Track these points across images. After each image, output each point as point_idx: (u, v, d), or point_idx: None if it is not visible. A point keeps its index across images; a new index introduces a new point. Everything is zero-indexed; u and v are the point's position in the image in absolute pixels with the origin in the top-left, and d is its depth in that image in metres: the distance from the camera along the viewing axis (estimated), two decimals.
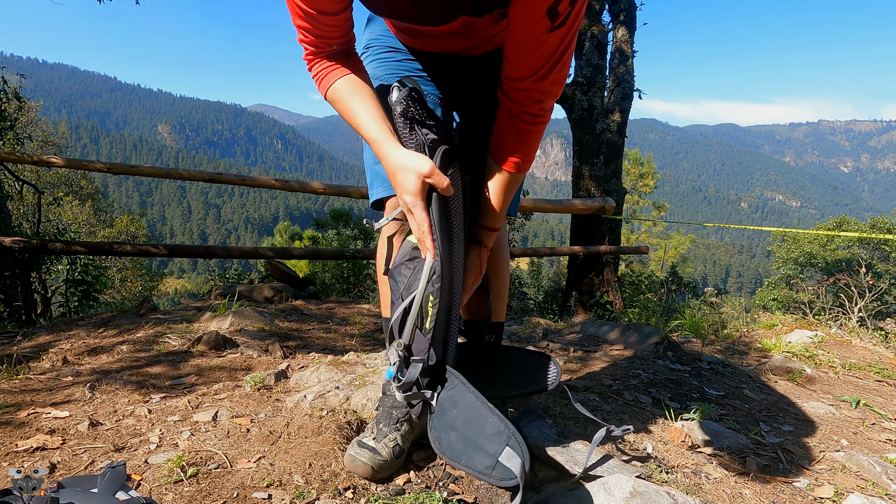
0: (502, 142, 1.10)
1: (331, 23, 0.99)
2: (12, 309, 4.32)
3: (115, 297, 11.67)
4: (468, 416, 0.98)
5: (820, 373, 2.31)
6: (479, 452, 0.94)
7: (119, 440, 1.29)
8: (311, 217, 13.40)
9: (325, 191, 4.59)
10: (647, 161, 20.39)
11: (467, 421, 0.98)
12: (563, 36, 0.91)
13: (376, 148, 1.04)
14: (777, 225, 67.41)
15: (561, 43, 0.92)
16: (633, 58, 6.59)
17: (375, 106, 1.06)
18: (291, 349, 2.22)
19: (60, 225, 10.33)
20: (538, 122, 1.05)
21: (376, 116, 1.05)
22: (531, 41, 0.91)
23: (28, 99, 9.52)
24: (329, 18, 0.98)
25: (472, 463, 0.95)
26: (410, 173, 0.99)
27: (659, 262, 18.96)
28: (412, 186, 1.00)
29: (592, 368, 2.13)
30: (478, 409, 0.98)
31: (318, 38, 1.03)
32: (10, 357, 1.98)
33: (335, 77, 1.07)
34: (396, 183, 1.03)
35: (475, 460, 0.95)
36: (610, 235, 5.96)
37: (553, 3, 0.85)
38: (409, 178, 1.00)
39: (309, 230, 12.45)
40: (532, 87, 0.99)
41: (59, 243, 3.89)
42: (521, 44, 0.93)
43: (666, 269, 14.98)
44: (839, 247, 19.57)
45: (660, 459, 1.35)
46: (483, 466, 0.94)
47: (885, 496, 1.28)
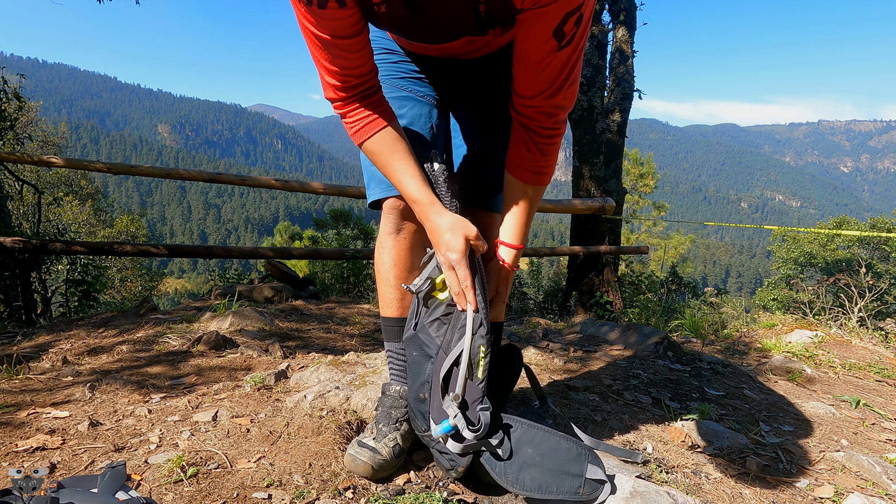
0: (520, 158, 1.11)
1: (350, 48, 0.97)
2: (12, 309, 4.32)
3: (115, 297, 11.67)
4: (544, 450, 1.05)
5: (820, 373, 2.31)
6: (567, 477, 1.03)
7: (119, 440, 1.29)
8: (311, 217, 13.41)
9: (325, 191, 4.59)
10: (647, 161, 20.38)
11: (545, 455, 1.05)
12: (571, 54, 0.93)
13: (421, 209, 1.09)
14: (777, 225, 67.34)
15: (569, 61, 0.94)
16: (633, 58, 6.59)
17: (415, 165, 1.09)
18: (291, 349, 2.22)
19: (60, 225, 10.33)
20: (554, 134, 1.07)
21: (419, 178, 1.08)
22: (539, 61, 0.94)
23: (28, 99, 9.53)
24: (346, 43, 0.96)
25: (563, 488, 1.03)
26: (459, 235, 1.05)
27: (659, 262, 18.95)
28: (460, 246, 1.05)
29: (592, 368, 2.13)
30: (550, 440, 1.06)
31: (344, 76, 1.01)
32: (10, 357, 1.98)
33: (372, 129, 1.07)
34: (442, 242, 1.07)
35: (565, 485, 1.03)
36: (610, 235, 5.96)
37: (559, 24, 0.87)
38: (458, 239, 1.05)
39: (309, 230, 12.45)
40: (544, 103, 1.02)
41: (59, 243, 3.89)
42: (530, 63, 0.96)
43: (666, 269, 14.98)
44: (839, 247, 19.57)
45: (660, 459, 1.36)
46: (574, 488, 1.02)
47: (885, 496, 1.28)
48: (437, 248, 1.10)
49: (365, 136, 1.08)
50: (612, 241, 6.01)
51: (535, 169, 1.11)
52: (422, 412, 1.17)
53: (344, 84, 1.02)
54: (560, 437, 1.06)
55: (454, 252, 1.06)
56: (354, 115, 1.07)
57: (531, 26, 0.90)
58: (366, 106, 1.06)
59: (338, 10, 0.91)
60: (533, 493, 1.03)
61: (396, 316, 1.32)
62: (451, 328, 1.13)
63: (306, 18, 0.93)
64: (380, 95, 1.09)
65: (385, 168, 1.10)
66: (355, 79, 1.02)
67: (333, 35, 0.95)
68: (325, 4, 0.90)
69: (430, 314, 1.16)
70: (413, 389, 1.19)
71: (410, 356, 1.20)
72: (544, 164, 1.11)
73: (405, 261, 1.28)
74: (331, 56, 0.98)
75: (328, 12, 0.91)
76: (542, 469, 1.04)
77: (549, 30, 0.89)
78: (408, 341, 1.21)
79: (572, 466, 1.03)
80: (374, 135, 1.08)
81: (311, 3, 0.90)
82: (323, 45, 0.96)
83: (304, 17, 0.94)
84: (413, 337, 1.19)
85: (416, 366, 1.18)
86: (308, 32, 0.96)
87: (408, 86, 1.24)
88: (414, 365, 1.19)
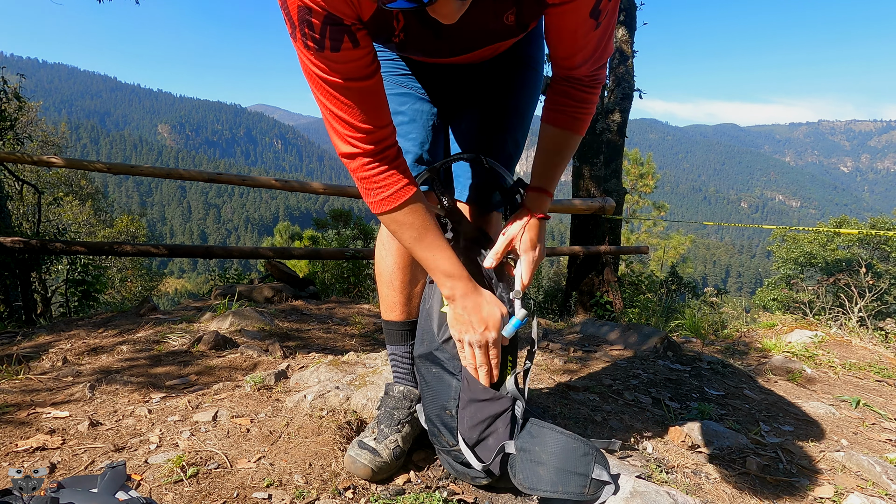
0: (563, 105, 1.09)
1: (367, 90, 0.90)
2: (12, 309, 4.32)
3: (115, 297, 11.67)
4: (553, 449, 1.06)
5: (820, 373, 2.31)
6: (574, 476, 1.03)
7: (119, 440, 1.29)
8: (311, 217, 13.41)
9: (325, 191, 4.59)
10: (647, 161, 20.37)
11: (553, 453, 1.05)
12: (608, 23, 0.94)
13: (460, 284, 1.04)
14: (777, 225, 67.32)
15: (606, 29, 0.95)
16: (633, 58, 6.59)
17: (446, 243, 1.04)
18: (291, 349, 2.22)
19: (60, 225, 10.34)
20: (596, 83, 1.07)
21: (452, 255, 1.04)
22: (581, 38, 0.94)
23: (28, 99, 9.53)
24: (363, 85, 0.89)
25: (569, 487, 1.02)
26: (496, 310, 1.05)
27: (659, 262, 18.94)
28: (497, 322, 1.05)
29: (592, 368, 2.13)
30: (558, 439, 1.07)
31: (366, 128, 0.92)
32: (10, 357, 1.98)
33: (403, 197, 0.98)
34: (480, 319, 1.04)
35: (571, 484, 1.03)
36: (610, 235, 5.96)
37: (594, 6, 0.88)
38: (496, 313, 1.05)
39: (309, 230, 12.44)
40: (589, 66, 1.02)
41: (59, 243, 3.89)
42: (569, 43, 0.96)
43: (666, 269, 14.97)
44: (839, 247, 19.56)
45: (660, 459, 1.35)
46: (579, 487, 1.02)
47: (885, 496, 1.28)
48: (469, 326, 1.05)
49: (393, 205, 0.97)
50: (612, 241, 6.01)
51: (575, 114, 1.09)
52: (449, 428, 1.16)
53: (368, 137, 0.93)
54: (568, 436, 1.07)
55: (492, 330, 1.04)
56: (381, 179, 0.96)
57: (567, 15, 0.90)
58: (395, 167, 0.97)
59: (352, 51, 0.85)
60: (541, 491, 1.04)
61: (401, 320, 1.30)
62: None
63: (317, 66, 0.86)
64: (399, 154, 1.00)
65: (411, 243, 1.01)
66: (379, 130, 0.93)
67: (347, 78, 0.88)
68: (339, 47, 0.84)
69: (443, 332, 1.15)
70: (436, 405, 1.18)
71: (429, 372, 1.19)
72: (585, 110, 1.09)
73: (410, 264, 1.25)
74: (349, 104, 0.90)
75: (342, 54, 0.85)
76: (549, 467, 1.04)
77: (585, 13, 0.89)
78: (422, 358, 1.20)
79: (579, 466, 1.03)
80: (406, 204, 0.97)
81: (324, 48, 0.84)
82: (338, 92, 0.89)
83: (313, 65, 0.87)
84: (428, 354, 1.18)
85: (438, 382, 1.17)
86: (319, 82, 0.88)
87: (407, 82, 1.20)
88: (436, 381, 1.17)
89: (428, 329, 1.19)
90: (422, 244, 1.01)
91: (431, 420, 1.20)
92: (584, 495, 1.02)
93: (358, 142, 0.93)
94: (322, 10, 0.81)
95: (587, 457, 1.04)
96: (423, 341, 1.21)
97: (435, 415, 1.19)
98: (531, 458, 1.06)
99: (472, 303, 1.05)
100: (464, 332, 1.06)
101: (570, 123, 1.10)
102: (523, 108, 1.23)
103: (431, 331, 1.18)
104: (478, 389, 1.10)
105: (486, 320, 1.04)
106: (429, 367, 1.19)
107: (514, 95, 1.23)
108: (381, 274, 1.29)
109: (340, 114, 0.91)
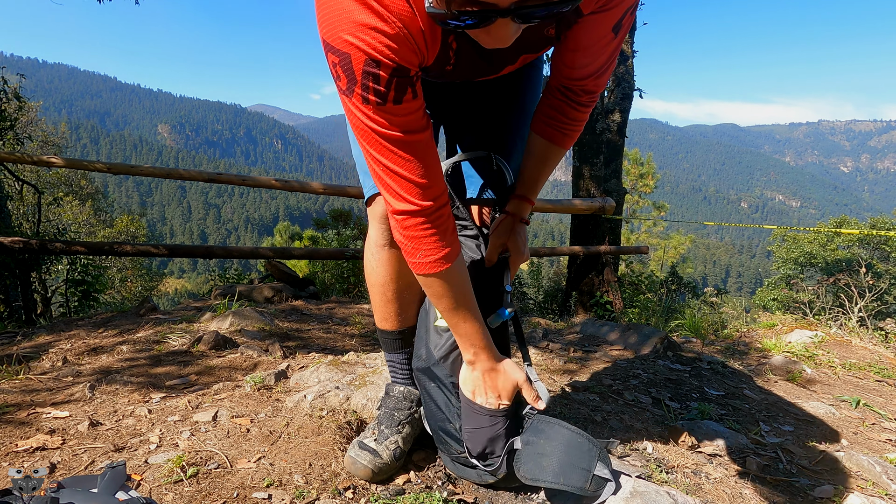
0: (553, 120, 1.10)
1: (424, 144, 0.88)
2: (12, 309, 4.32)
3: (115, 297, 11.67)
4: (557, 443, 1.07)
5: (820, 373, 2.31)
6: (577, 470, 1.04)
7: (119, 440, 1.29)
8: (311, 217, 13.41)
9: (324, 191, 4.59)
10: (647, 161, 20.36)
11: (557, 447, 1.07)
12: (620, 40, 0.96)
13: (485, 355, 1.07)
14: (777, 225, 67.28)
15: (618, 46, 0.97)
16: (633, 58, 6.58)
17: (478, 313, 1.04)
18: (291, 349, 2.22)
19: (60, 225, 10.34)
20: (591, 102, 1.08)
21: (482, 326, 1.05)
22: (598, 52, 0.96)
23: (28, 99, 9.53)
24: (419, 138, 0.86)
25: (571, 480, 1.03)
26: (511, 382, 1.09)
27: (659, 262, 18.94)
28: (510, 393, 1.09)
29: (592, 368, 2.13)
30: (563, 434, 1.08)
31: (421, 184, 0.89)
32: (10, 357, 1.98)
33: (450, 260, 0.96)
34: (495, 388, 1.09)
35: (573, 478, 1.03)
36: (610, 235, 5.95)
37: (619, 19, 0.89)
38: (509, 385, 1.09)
39: (309, 230, 12.44)
40: (590, 82, 1.03)
41: (60, 243, 3.89)
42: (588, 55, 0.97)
43: (666, 269, 14.97)
44: (839, 247, 19.56)
45: (660, 459, 1.35)
46: (581, 481, 1.03)
47: (885, 496, 1.28)
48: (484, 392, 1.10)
49: (439, 269, 0.95)
50: (612, 241, 6.01)
51: (565, 130, 1.11)
52: (454, 438, 1.18)
53: (426, 193, 0.90)
54: (574, 431, 1.08)
55: (506, 400, 1.09)
56: (432, 242, 0.93)
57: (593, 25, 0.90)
58: (447, 229, 0.94)
59: (412, 103, 0.83)
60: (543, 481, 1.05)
61: (397, 329, 1.28)
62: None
63: (375, 121, 0.82)
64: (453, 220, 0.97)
65: (449, 310, 1.01)
66: (435, 185, 0.90)
67: (406, 131, 0.84)
68: (402, 99, 0.81)
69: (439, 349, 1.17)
70: (438, 418, 1.20)
71: (429, 385, 1.21)
72: (574, 128, 1.11)
73: (404, 273, 1.20)
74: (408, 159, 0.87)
75: (404, 106, 0.81)
76: (552, 459, 1.05)
77: (609, 26, 0.90)
78: (421, 372, 1.21)
79: (582, 460, 1.05)
80: (450, 270, 0.96)
81: (386, 101, 0.80)
82: (397, 147, 0.85)
83: (370, 121, 0.83)
84: (426, 370, 1.20)
85: (438, 395, 1.19)
86: (374, 137, 0.84)
87: None
88: (436, 394, 1.19)
89: (425, 343, 1.20)
90: (457, 314, 1.02)
91: (435, 428, 1.22)
92: (586, 490, 1.03)
93: (415, 198, 0.90)
94: (392, 63, 0.78)
95: (591, 452, 1.06)
96: (420, 356, 1.22)
97: (438, 427, 1.20)
98: (536, 450, 1.07)
99: (492, 375, 1.09)
100: (477, 395, 1.11)
101: (558, 138, 1.12)
102: (529, 105, 1.24)
103: (428, 347, 1.19)
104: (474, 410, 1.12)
105: (500, 390, 1.09)
106: (427, 381, 1.21)
107: (522, 96, 1.24)
108: (372, 285, 1.25)
109: (398, 169, 0.87)
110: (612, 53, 0.98)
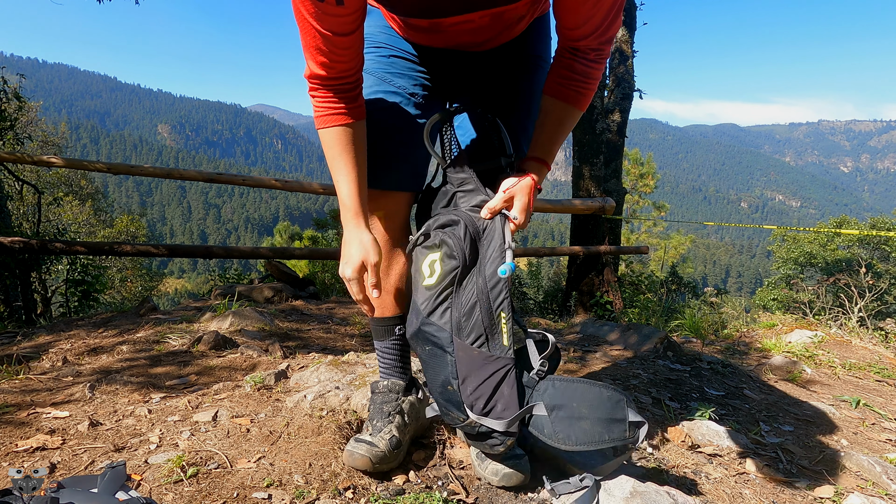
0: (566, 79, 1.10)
1: (344, 45, 0.99)
2: (12, 309, 4.32)
3: (115, 297, 11.68)
4: (590, 401, 1.06)
5: (820, 373, 2.31)
6: (614, 423, 1.04)
7: (119, 440, 1.29)
8: (311, 217, 13.42)
9: (324, 191, 4.58)
10: (647, 161, 20.36)
11: (591, 405, 1.06)
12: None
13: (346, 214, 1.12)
14: (777, 225, 67.17)
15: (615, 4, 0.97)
16: (633, 58, 6.59)
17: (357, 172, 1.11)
18: (291, 349, 2.22)
19: (60, 225, 10.34)
20: (602, 57, 1.08)
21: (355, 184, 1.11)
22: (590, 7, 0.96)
23: (28, 99, 9.53)
24: (342, 40, 0.98)
25: (613, 435, 1.04)
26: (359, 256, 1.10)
27: (659, 262, 18.94)
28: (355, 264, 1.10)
29: (592, 368, 2.13)
30: (592, 391, 1.07)
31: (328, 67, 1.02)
32: (10, 357, 1.98)
33: (333, 122, 1.08)
34: (344, 252, 1.12)
35: (614, 431, 1.04)
36: (610, 235, 5.96)
37: None
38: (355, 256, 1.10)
39: (309, 230, 12.45)
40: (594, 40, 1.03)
41: (60, 243, 3.89)
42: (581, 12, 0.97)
43: (666, 269, 14.98)
44: (839, 247, 19.56)
45: (660, 459, 1.36)
46: (621, 433, 1.03)
47: (885, 496, 1.28)
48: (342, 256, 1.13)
49: (324, 125, 1.10)
50: (612, 241, 6.01)
51: (578, 88, 1.10)
52: (455, 403, 1.13)
53: (326, 73, 1.03)
54: (600, 385, 1.07)
55: (349, 269, 1.10)
56: (323, 101, 1.07)
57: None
58: (339, 97, 1.07)
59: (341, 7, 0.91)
60: (586, 445, 1.04)
61: (379, 316, 1.32)
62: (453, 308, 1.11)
63: (308, 10, 0.93)
64: (357, 92, 1.09)
65: (330, 162, 1.13)
66: (338, 72, 1.03)
67: (332, 31, 0.95)
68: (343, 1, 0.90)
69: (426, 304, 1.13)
70: (437, 385, 1.15)
71: (423, 350, 1.17)
72: (588, 85, 1.10)
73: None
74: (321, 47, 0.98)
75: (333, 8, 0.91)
76: (591, 420, 1.05)
77: None
78: (414, 337, 1.18)
79: (616, 412, 1.05)
80: (333, 128, 1.09)
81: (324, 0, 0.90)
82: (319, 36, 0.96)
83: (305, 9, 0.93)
84: (417, 332, 1.16)
85: (433, 358, 1.15)
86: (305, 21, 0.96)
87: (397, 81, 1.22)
88: (431, 358, 1.15)
89: (415, 308, 1.17)
90: (334, 164, 1.11)
91: (439, 402, 1.18)
92: (627, 439, 1.03)
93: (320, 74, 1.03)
94: None
95: (621, 402, 1.06)
96: (411, 322, 1.19)
97: (439, 393, 1.16)
98: (569, 414, 1.06)
99: (347, 236, 1.12)
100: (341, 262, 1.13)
101: (572, 97, 1.11)
102: (535, 107, 1.23)
103: (417, 307, 1.16)
104: (473, 356, 1.08)
105: (346, 256, 1.11)
106: (422, 345, 1.17)
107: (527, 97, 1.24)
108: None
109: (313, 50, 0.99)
110: (610, 11, 0.98)
